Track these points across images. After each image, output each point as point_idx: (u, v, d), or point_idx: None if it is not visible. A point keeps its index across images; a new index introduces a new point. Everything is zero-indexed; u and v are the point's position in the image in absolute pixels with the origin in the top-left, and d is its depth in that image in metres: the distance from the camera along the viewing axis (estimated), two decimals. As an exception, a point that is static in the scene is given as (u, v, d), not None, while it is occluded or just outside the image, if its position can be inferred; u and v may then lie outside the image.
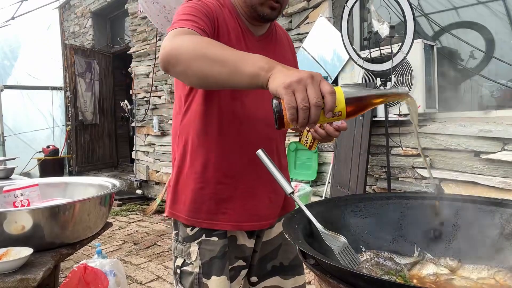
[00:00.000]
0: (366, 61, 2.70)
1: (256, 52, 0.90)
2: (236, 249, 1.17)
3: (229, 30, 1.09)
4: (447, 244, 0.96)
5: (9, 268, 1.15)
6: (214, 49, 0.84)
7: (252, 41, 1.15)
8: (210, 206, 1.13)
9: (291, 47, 1.34)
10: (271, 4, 1.09)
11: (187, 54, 0.85)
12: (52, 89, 7.71)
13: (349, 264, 0.85)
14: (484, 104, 2.78)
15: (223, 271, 1.13)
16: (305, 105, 0.70)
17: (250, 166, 1.12)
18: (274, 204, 1.22)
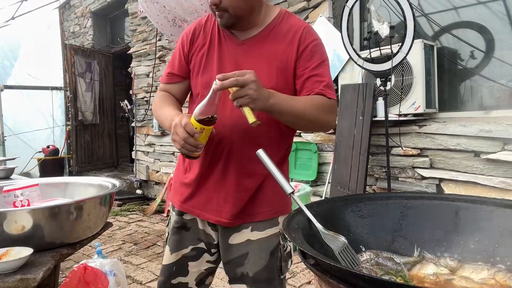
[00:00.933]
0: (366, 61, 2.70)
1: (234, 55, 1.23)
2: (198, 231, 1.34)
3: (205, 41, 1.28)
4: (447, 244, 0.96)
5: (9, 268, 1.15)
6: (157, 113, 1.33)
7: (233, 45, 1.25)
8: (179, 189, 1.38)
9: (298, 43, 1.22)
10: (217, 15, 1.19)
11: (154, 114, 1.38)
12: (52, 89, 7.71)
13: (349, 264, 0.85)
14: (484, 104, 2.78)
15: (172, 243, 1.36)
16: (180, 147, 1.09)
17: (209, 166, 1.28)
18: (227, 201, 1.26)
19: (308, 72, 1.20)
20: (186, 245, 1.34)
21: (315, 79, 1.20)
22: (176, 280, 1.35)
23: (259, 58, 1.21)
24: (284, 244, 1.29)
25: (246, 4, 1.18)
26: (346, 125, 3.06)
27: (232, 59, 1.23)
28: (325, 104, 1.18)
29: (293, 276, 2.84)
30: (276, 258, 1.28)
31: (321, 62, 1.23)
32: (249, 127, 1.05)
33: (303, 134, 3.59)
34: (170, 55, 5.22)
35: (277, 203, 1.29)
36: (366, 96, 2.92)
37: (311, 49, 1.22)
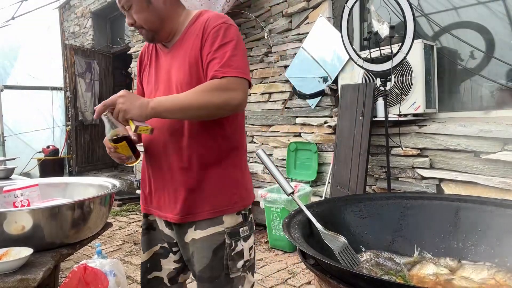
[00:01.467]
0: (366, 61, 2.70)
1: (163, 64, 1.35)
2: (160, 231, 1.42)
3: (148, 60, 1.43)
4: (447, 244, 0.96)
5: (9, 268, 1.15)
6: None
7: (164, 55, 1.37)
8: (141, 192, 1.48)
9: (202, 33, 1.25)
10: (139, 33, 1.33)
11: None
12: (52, 89, 7.70)
13: (349, 264, 0.85)
14: (484, 104, 2.78)
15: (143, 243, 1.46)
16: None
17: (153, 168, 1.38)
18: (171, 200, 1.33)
19: (209, 56, 1.22)
20: (155, 243, 1.43)
21: (214, 62, 1.20)
22: (152, 275, 1.43)
23: (179, 60, 1.30)
24: (232, 243, 1.28)
25: (154, 17, 1.28)
26: (346, 125, 3.06)
27: (164, 69, 1.34)
28: (214, 86, 1.16)
29: (293, 276, 2.84)
30: (221, 257, 1.28)
31: (223, 44, 1.22)
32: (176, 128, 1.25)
33: (303, 134, 3.60)
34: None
35: (221, 202, 1.28)
36: (366, 96, 2.92)
37: (212, 34, 1.23)
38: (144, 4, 1.25)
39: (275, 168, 1.00)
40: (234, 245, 1.29)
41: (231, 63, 1.19)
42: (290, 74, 3.62)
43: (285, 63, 3.68)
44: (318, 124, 3.46)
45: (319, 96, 3.42)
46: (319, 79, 3.39)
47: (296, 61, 3.56)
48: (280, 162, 3.76)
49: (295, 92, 3.61)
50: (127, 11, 1.28)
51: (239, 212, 1.32)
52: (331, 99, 3.37)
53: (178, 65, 1.29)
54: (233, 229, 1.29)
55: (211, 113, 1.19)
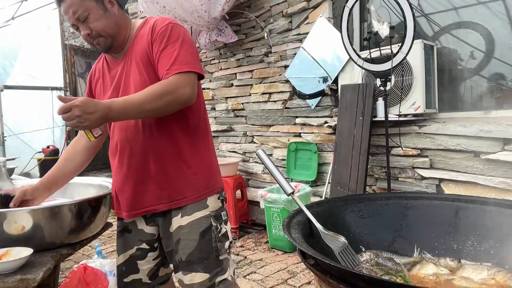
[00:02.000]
0: (366, 61, 2.70)
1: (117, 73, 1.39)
2: (138, 232, 1.43)
3: (100, 73, 1.48)
4: (447, 244, 0.96)
5: (9, 268, 1.15)
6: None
7: (116, 65, 1.41)
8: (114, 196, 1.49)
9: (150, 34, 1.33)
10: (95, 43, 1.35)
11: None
12: (52, 89, 7.69)
13: (349, 264, 0.85)
14: (484, 104, 2.78)
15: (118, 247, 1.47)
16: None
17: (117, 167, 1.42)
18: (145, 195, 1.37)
19: (158, 55, 1.30)
20: (131, 246, 1.44)
21: (162, 61, 1.29)
22: (129, 278, 1.45)
23: (133, 64, 1.35)
24: (217, 226, 1.37)
25: (112, 23, 1.33)
26: (346, 125, 3.06)
27: (119, 76, 1.38)
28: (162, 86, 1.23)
29: (293, 276, 2.84)
30: (208, 239, 1.35)
31: (170, 42, 1.30)
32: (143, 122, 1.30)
33: (303, 135, 3.60)
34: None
35: (202, 186, 1.37)
36: (366, 96, 2.92)
37: (160, 35, 1.31)
38: (101, 11, 1.31)
39: (275, 168, 1.00)
40: (220, 227, 1.37)
41: (178, 60, 1.27)
42: (290, 74, 3.62)
43: (285, 63, 3.68)
44: (318, 124, 3.46)
45: (319, 96, 3.42)
46: (319, 79, 3.39)
47: (296, 61, 3.56)
48: (280, 162, 3.76)
49: (295, 92, 3.61)
50: (82, 22, 1.31)
51: (219, 197, 1.42)
52: (331, 99, 3.37)
53: (133, 69, 1.35)
54: (217, 212, 1.38)
55: (164, 111, 1.26)
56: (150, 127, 1.34)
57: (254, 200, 3.47)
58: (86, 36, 1.33)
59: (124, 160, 1.39)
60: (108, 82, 1.42)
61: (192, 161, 1.36)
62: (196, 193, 1.36)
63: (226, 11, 3.68)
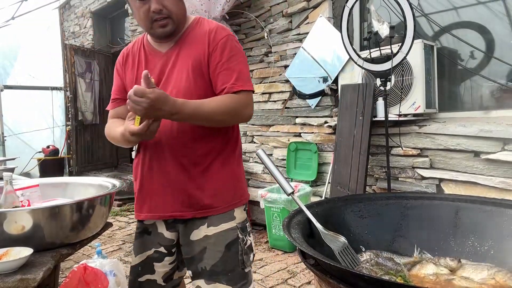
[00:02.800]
0: (366, 61, 2.70)
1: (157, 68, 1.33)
2: (158, 235, 1.41)
3: (134, 62, 1.40)
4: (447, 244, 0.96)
5: (9, 268, 1.15)
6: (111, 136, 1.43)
7: (156, 58, 1.35)
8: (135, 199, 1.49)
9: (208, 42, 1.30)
10: (159, 24, 1.25)
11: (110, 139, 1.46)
12: (52, 89, 7.70)
13: (349, 264, 0.85)
14: (484, 104, 2.78)
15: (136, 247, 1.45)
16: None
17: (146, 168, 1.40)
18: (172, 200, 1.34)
19: (220, 66, 1.28)
20: (149, 247, 1.42)
21: (226, 74, 1.28)
22: (144, 278, 1.43)
23: (178, 63, 1.31)
24: (244, 238, 1.35)
25: (183, 10, 1.30)
26: (346, 125, 3.06)
27: (159, 73, 1.33)
28: (235, 101, 1.26)
29: (293, 276, 2.84)
30: (235, 252, 1.33)
31: (232, 55, 1.30)
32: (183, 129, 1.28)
33: (303, 134, 3.60)
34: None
35: (230, 197, 1.35)
36: (366, 96, 2.92)
37: (221, 46, 1.30)
38: None
39: (275, 168, 1.00)
40: (246, 239, 1.35)
41: (242, 76, 1.28)
42: (290, 74, 3.62)
43: (285, 63, 3.68)
44: (318, 124, 3.46)
45: (319, 96, 3.42)
46: (319, 79, 3.39)
47: (296, 61, 3.56)
48: (280, 162, 3.76)
49: (295, 92, 3.61)
50: None
51: (244, 208, 1.40)
52: (331, 99, 3.37)
53: (178, 69, 1.30)
54: (243, 224, 1.37)
55: (224, 124, 1.31)
56: (184, 133, 1.30)
57: (254, 200, 3.48)
58: (155, 11, 1.23)
59: (153, 163, 1.36)
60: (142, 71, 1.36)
61: (222, 171, 1.34)
62: (224, 203, 1.33)
63: (226, 11, 3.68)
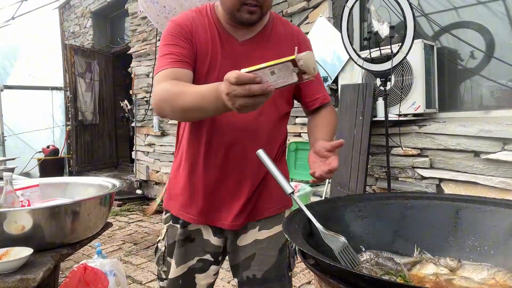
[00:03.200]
0: (366, 61, 2.70)
1: (236, 58, 1.15)
2: (203, 241, 1.28)
3: (207, 41, 1.17)
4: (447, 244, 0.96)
5: (9, 268, 1.15)
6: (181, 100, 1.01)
7: (233, 46, 1.19)
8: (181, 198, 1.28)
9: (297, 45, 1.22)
10: (248, 9, 1.11)
11: (169, 108, 1.05)
12: (52, 89, 7.71)
13: (349, 264, 0.85)
14: (484, 104, 2.78)
15: (177, 256, 1.28)
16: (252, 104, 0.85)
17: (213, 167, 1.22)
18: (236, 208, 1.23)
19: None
20: (192, 257, 1.28)
21: (317, 82, 1.28)
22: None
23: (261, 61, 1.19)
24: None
25: (272, 3, 1.17)
26: (346, 125, 3.06)
27: (233, 61, 1.17)
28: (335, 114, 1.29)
29: (293, 276, 2.84)
30: (285, 255, 1.28)
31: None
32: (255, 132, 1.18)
33: (303, 134, 3.60)
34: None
35: (281, 197, 1.28)
36: (366, 96, 2.92)
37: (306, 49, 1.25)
38: None
39: (275, 168, 0.99)
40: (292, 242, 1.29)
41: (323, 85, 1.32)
42: (290, 74, 3.62)
43: (285, 63, 3.68)
44: (318, 124, 3.46)
45: (319, 96, 3.42)
46: (319, 79, 3.39)
47: (296, 61, 3.55)
48: (280, 162, 3.76)
49: (295, 92, 3.61)
50: None
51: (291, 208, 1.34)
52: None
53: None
54: None
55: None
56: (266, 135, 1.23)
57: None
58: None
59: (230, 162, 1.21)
60: (218, 59, 1.17)
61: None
62: (276, 205, 1.27)
63: (226, 11, 3.68)
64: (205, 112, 0.98)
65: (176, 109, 1.03)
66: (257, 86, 0.81)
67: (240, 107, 0.83)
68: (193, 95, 0.98)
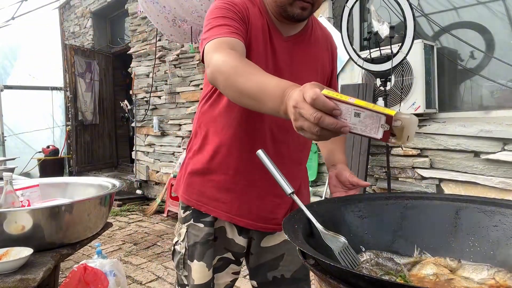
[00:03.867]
0: (366, 61, 2.70)
1: (282, 53, 1.11)
2: (225, 240, 1.20)
3: (258, 29, 1.11)
4: (447, 244, 0.96)
5: (9, 268, 1.15)
6: (242, 80, 0.87)
7: (279, 40, 1.14)
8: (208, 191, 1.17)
9: (331, 50, 1.29)
10: (301, 4, 1.07)
11: (222, 82, 0.92)
12: (52, 89, 7.71)
13: (349, 264, 0.85)
14: (484, 104, 2.78)
15: (203, 257, 1.17)
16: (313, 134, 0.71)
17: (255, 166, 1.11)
18: (274, 208, 1.19)
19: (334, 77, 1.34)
20: (214, 256, 1.20)
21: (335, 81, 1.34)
22: None
23: (306, 58, 1.20)
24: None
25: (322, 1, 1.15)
26: (346, 125, 3.06)
27: (283, 54, 1.14)
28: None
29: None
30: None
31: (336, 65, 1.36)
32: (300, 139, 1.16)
33: (303, 134, 3.60)
34: (170, 55, 5.22)
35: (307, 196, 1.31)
36: (366, 96, 2.92)
37: (336, 55, 1.35)
38: None
39: (275, 168, 0.99)
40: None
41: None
42: (290, 74, 3.62)
43: (285, 63, 3.68)
44: (318, 124, 3.46)
45: (319, 96, 3.41)
46: (319, 79, 3.39)
47: (296, 61, 3.55)
48: (280, 162, 3.76)
49: (295, 92, 3.61)
50: None
51: None
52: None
53: (306, 66, 1.18)
54: None
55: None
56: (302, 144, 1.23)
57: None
58: None
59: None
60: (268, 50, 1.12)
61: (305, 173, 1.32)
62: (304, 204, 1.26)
63: (226, 11, 3.67)
64: (261, 106, 0.84)
65: (231, 87, 0.90)
66: (331, 120, 0.67)
67: (299, 128, 0.71)
68: (257, 82, 0.85)
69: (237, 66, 0.89)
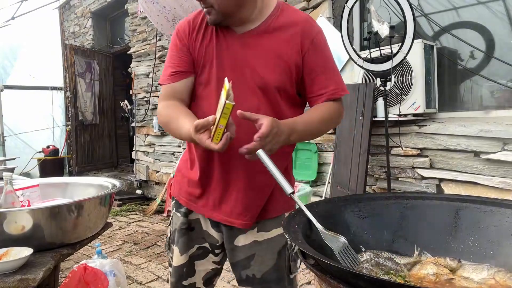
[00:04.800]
0: (366, 61, 2.70)
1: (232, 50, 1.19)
2: (202, 231, 1.33)
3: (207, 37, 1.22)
4: (447, 244, 0.96)
5: (9, 268, 1.15)
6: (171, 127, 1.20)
7: (231, 39, 1.20)
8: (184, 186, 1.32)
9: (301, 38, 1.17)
10: (205, 11, 1.17)
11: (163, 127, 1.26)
12: (52, 89, 7.71)
13: (349, 264, 0.85)
14: (484, 104, 2.78)
15: (178, 243, 1.33)
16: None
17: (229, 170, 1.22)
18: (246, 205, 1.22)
19: (318, 68, 1.19)
20: (193, 244, 1.33)
21: (324, 77, 1.19)
22: (188, 281, 1.34)
23: (258, 52, 1.18)
24: (292, 244, 1.26)
25: (232, 1, 1.13)
26: (346, 125, 3.06)
27: (230, 54, 1.19)
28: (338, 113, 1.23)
29: (293, 276, 2.84)
30: (284, 258, 1.27)
31: (328, 57, 1.22)
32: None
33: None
34: (170, 55, 5.22)
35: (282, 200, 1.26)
36: (366, 96, 2.92)
37: (318, 44, 1.19)
38: None
39: (275, 168, 0.99)
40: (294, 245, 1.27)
41: (339, 81, 1.22)
42: (290, 74, 3.61)
43: (285, 63, 3.67)
44: (318, 124, 3.45)
45: (319, 96, 3.41)
46: (319, 79, 3.39)
47: (296, 61, 3.55)
48: (280, 162, 3.76)
49: (295, 92, 3.61)
50: None
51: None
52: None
53: (257, 59, 1.17)
54: None
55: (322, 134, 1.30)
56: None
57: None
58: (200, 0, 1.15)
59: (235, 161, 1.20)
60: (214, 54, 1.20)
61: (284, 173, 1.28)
62: (276, 207, 1.26)
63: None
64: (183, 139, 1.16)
65: (167, 131, 1.24)
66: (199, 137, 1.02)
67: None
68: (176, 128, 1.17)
69: (165, 115, 1.22)
